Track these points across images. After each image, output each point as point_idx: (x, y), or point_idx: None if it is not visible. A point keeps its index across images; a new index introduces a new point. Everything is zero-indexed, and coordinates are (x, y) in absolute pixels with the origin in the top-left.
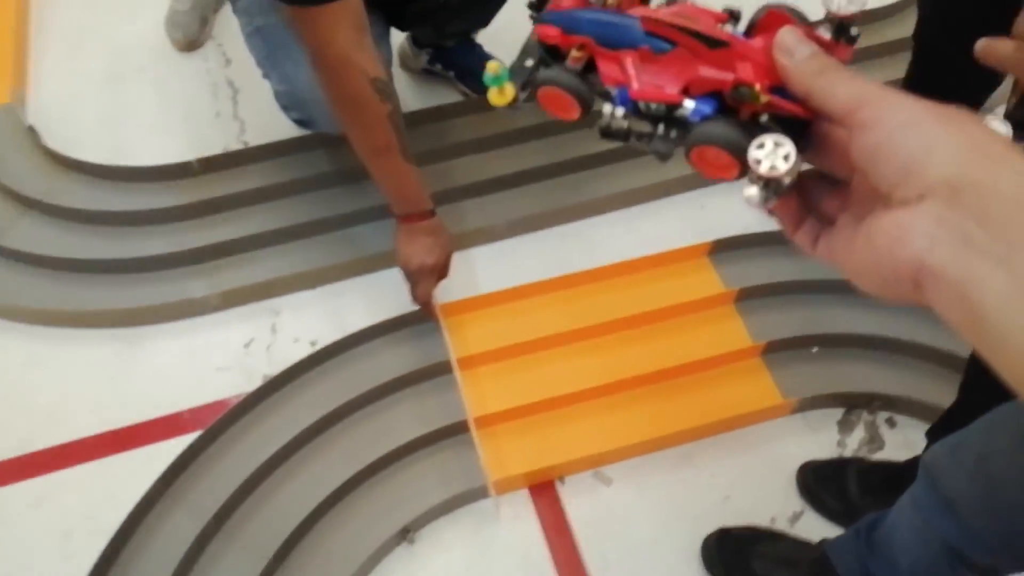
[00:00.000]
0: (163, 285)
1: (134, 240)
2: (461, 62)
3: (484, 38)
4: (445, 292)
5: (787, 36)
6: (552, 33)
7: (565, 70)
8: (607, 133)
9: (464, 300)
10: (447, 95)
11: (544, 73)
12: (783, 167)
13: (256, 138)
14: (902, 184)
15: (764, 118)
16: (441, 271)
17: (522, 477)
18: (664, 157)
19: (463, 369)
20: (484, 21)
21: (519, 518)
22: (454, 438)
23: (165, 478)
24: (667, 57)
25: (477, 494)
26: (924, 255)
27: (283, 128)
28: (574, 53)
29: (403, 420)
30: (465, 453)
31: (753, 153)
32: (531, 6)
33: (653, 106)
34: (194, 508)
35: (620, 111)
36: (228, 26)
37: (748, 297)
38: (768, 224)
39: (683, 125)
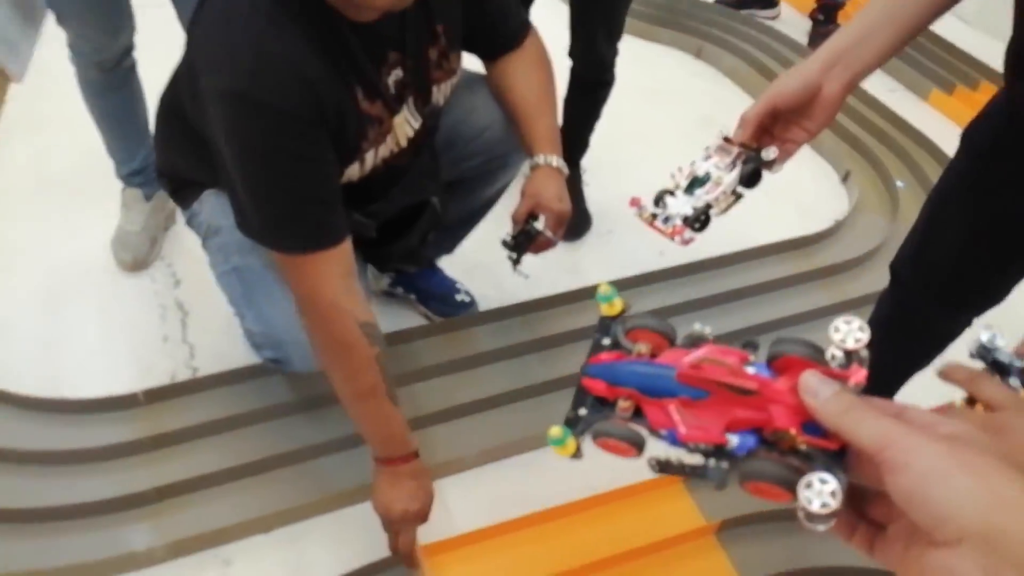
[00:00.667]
0: (99, 535)
1: (67, 482)
2: (423, 285)
3: (444, 261)
4: (421, 531)
5: (810, 379)
6: (599, 387)
7: (617, 420)
8: (664, 468)
9: (444, 541)
10: (409, 318)
11: (600, 426)
12: (832, 503)
13: (207, 364)
14: (939, 529)
15: (803, 447)
16: (423, 517)
17: None
18: (720, 486)
19: None
20: (450, 249)
21: None
22: None
23: None
24: (706, 402)
25: None
26: None
27: (237, 353)
28: (622, 403)
29: None
30: None
31: (803, 493)
32: (505, 244)
33: (702, 444)
34: None
35: (674, 452)
36: (178, 243)
37: (730, 527)
38: None
39: (731, 457)
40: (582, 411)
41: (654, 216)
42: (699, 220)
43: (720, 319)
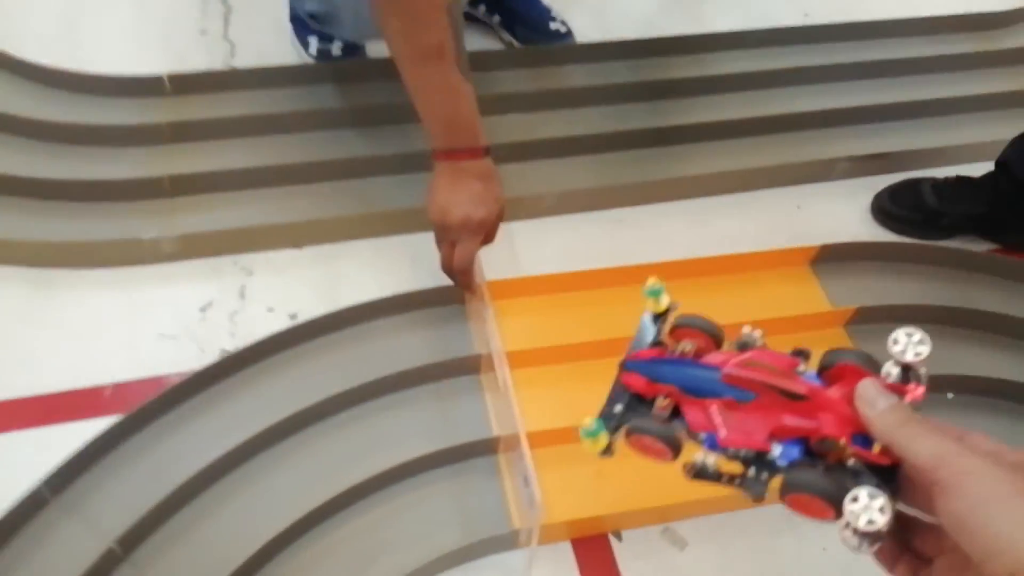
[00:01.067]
0: (103, 219)
1: (74, 160)
2: (512, 6)
3: None
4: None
5: (868, 388)
6: (638, 383)
7: (654, 419)
8: (699, 475)
9: (512, 280)
10: (487, 44)
11: (635, 422)
12: (880, 521)
13: (248, 64)
14: (991, 561)
15: (851, 462)
16: (489, 231)
17: (566, 526)
18: (758, 498)
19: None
20: None
21: None
22: (477, 461)
23: (62, 474)
24: (751, 405)
25: (503, 542)
26: None
27: (285, 57)
28: (660, 401)
29: (408, 429)
30: (491, 484)
31: (849, 507)
32: None
33: (742, 451)
34: (95, 522)
35: (712, 457)
36: None
37: (862, 321)
38: (888, 235)
39: (772, 467)
40: (618, 407)
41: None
42: None
43: (867, 93)
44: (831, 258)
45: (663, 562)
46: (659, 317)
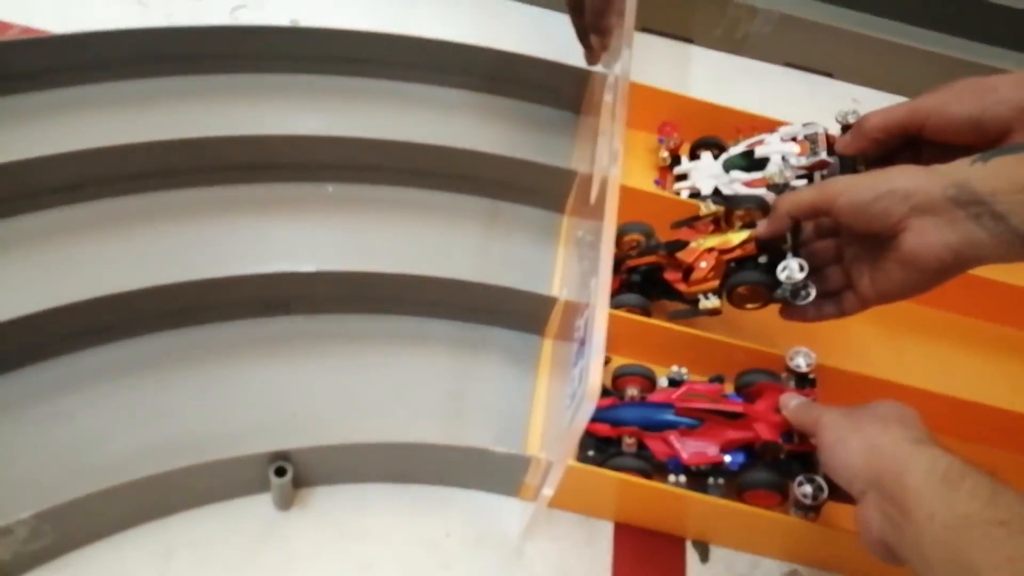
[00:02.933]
0: None
1: None
2: None
3: None
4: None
5: (784, 397)
6: (603, 428)
7: (627, 456)
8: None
9: None
10: None
11: (615, 461)
12: (823, 495)
13: None
14: (850, 486)
15: (783, 456)
16: None
17: (619, 495)
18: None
19: None
20: None
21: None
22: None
23: None
24: (700, 430)
25: (506, 473)
26: (881, 536)
27: None
28: (627, 440)
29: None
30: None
31: (797, 490)
32: None
33: (703, 467)
34: None
35: (682, 478)
36: None
37: None
38: None
39: (727, 473)
40: (591, 452)
41: (673, 162)
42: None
43: None
44: None
45: None
46: None
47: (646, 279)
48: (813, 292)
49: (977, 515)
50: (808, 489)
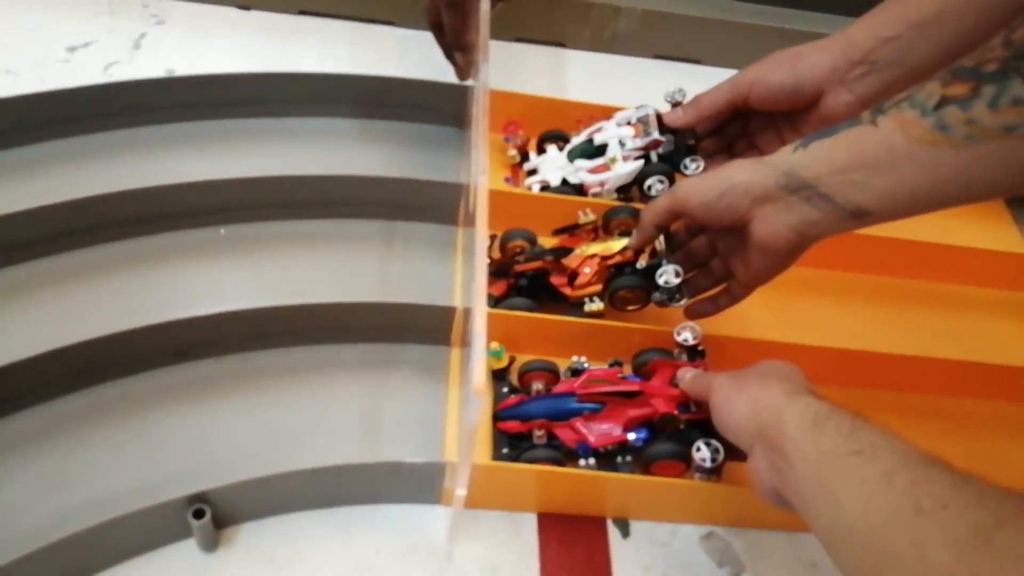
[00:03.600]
0: None
1: None
2: None
3: None
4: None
5: (680, 371)
6: (513, 426)
7: (539, 448)
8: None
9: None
10: None
11: (528, 454)
12: (719, 457)
13: None
14: (740, 444)
15: (682, 426)
16: None
17: (537, 485)
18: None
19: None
20: None
21: (502, 574)
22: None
23: None
24: (603, 412)
25: (423, 481)
26: (771, 484)
27: None
28: (537, 433)
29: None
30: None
31: (696, 456)
32: None
33: (610, 447)
34: None
35: (592, 460)
36: None
37: None
38: None
39: (633, 451)
40: (504, 450)
41: (522, 159)
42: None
43: None
44: None
45: None
46: (505, 370)
47: (533, 283)
48: (685, 298)
49: (838, 449)
50: (706, 453)
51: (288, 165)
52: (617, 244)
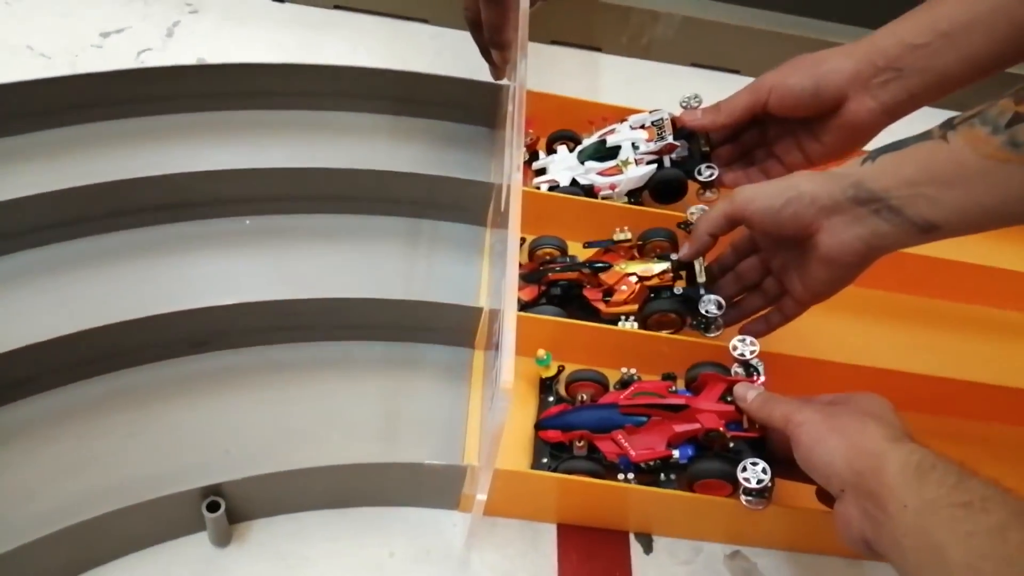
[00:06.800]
0: None
1: None
2: None
3: None
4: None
5: (739, 388)
6: (554, 435)
7: (578, 459)
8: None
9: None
10: None
11: (566, 464)
12: (766, 479)
13: None
14: (829, 485)
15: (731, 444)
16: None
17: (558, 499)
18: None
19: None
20: None
21: None
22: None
23: None
24: (647, 426)
25: (442, 487)
26: (860, 533)
27: None
28: (577, 444)
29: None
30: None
31: (742, 476)
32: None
33: (653, 463)
34: None
35: (632, 475)
36: None
37: None
38: None
39: (677, 467)
40: (545, 459)
41: (530, 158)
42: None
43: None
44: None
45: None
46: (552, 379)
47: (566, 293)
48: (722, 329)
49: (943, 499)
50: (752, 473)
51: (316, 158)
52: (657, 267)
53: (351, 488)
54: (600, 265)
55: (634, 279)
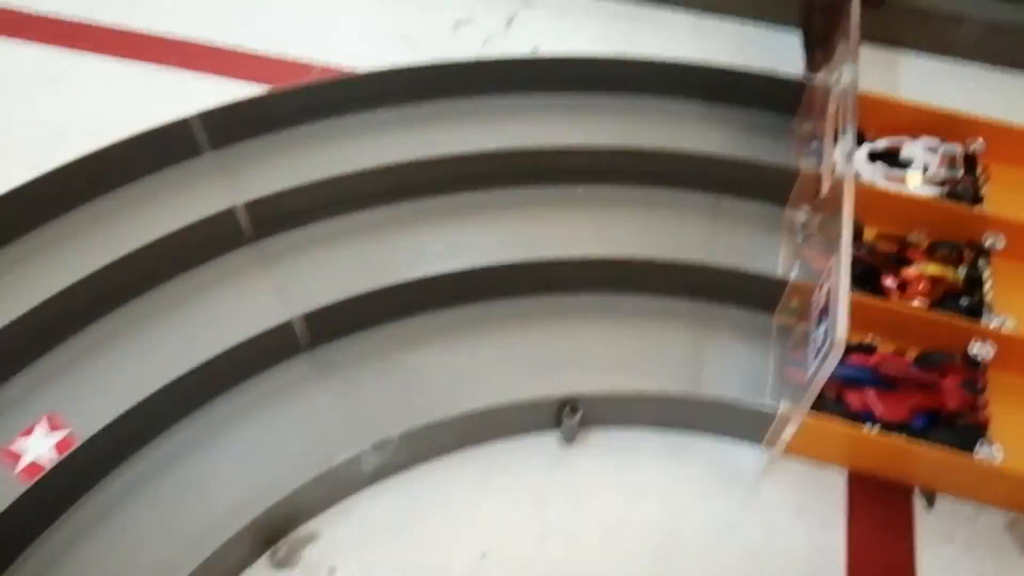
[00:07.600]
0: None
1: None
2: None
3: None
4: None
5: None
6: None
7: (829, 403)
8: None
9: None
10: None
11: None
12: (1000, 457)
13: None
14: None
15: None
16: None
17: (848, 445)
18: None
19: None
20: None
21: (808, 517)
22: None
23: (221, 124)
24: (894, 392)
25: (745, 427)
26: None
27: None
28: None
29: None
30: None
31: (982, 451)
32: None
33: (892, 422)
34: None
35: (875, 428)
36: None
37: None
38: None
39: (911, 432)
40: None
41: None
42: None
43: None
44: None
45: (999, 566)
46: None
47: (865, 274)
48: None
49: None
50: (987, 451)
51: (636, 137)
52: (953, 275)
53: (673, 414)
54: (897, 257)
55: (929, 280)
